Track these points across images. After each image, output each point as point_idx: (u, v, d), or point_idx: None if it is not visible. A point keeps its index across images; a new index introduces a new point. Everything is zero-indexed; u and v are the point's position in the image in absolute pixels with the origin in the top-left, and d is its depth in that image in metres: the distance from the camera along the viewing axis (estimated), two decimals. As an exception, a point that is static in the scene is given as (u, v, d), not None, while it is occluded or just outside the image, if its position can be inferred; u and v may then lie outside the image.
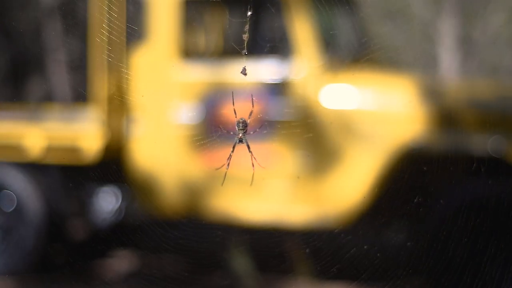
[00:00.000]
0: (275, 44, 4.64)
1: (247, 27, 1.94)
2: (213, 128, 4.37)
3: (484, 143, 3.97)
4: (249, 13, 1.83)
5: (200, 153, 4.45)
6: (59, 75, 10.44)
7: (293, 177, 4.28)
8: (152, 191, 4.57)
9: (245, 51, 2.04)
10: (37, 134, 4.69)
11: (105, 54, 4.57)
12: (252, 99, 2.24)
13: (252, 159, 2.26)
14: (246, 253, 4.36)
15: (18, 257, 4.70)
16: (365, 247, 3.97)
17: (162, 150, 4.53)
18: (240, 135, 2.18)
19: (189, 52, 4.69)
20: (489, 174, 3.79)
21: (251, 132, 2.20)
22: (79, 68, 9.54)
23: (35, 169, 4.81)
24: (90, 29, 4.66)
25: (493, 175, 3.81)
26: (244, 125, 2.18)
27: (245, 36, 1.97)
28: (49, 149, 4.67)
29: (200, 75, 4.53)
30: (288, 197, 4.33)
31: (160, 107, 4.55)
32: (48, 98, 10.20)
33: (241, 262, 4.36)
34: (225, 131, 2.39)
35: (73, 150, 4.59)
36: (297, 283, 4.53)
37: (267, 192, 4.35)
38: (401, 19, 11.59)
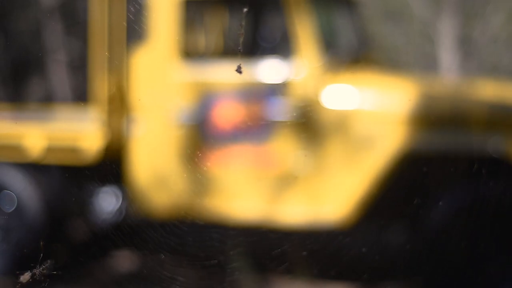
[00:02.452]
0: (275, 44, 4.64)
1: (242, 23, 1.90)
2: (213, 128, 4.37)
3: (484, 143, 3.96)
4: (245, 9, 1.80)
5: (200, 154, 4.45)
6: (59, 75, 10.43)
7: (292, 177, 4.28)
8: (152, 191, 4.57)
9: (240, 47, 1.96)
10: (37, 134, 4.69)
11: (105, 54, 4.57)
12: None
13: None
14: (245, 254, 4.36)
15: (18, 257, 4.69)
16: (364, 249, 3.97)
17: (162, 150, 4.53)
18: None
19: (190, 52, 4.69)
20: (490, 175, 3.78)
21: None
22: (79, 68, 9.54)
23: (35, 169, 4.81)
24: (90, 29, 4.66)
25: (494, 176, 3.80)
26: None
27: (240, 33, 1.93)
28: (49, 149, 4.67)
29: (200, 75, 4.53)
30: (287, 197, 4.32)
31: (160, 107, 4.55)
32: (48, 98, 10.19)
33: (240, 264, 4.36)
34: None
35: (73, 150, 4.59)
36: (296, 285, 4.52)
37: (267, 192, 4.35)
38: (401, 19, 11.59)
